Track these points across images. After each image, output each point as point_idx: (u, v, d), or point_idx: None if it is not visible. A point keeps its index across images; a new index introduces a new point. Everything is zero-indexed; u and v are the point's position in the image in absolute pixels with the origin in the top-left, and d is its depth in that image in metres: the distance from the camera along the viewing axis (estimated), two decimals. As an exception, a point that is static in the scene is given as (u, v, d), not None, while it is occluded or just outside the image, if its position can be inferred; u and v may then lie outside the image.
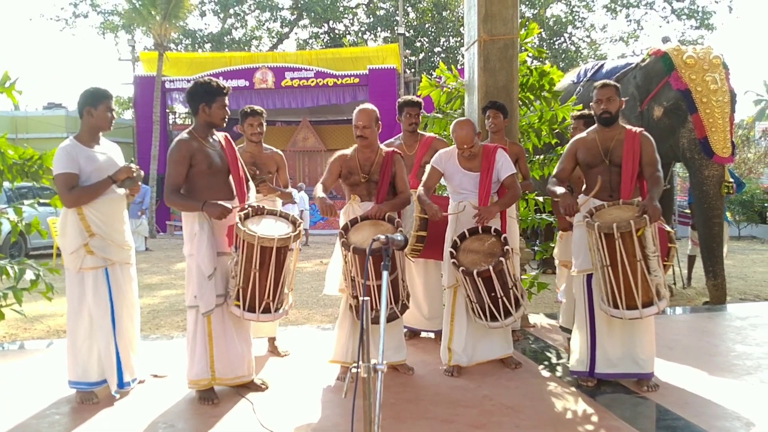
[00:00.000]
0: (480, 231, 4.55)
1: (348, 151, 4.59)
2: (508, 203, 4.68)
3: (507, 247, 4.35)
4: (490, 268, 4.22)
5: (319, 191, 4.39)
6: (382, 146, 4.62)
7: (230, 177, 4.27)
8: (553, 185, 4.44)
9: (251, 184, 4.43)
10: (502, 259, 4.26)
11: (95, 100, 4.12)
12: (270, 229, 4.02)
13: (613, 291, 4.08)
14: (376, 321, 3.83)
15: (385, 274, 2.59)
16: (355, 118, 4.51)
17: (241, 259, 3.95)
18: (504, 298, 4.35)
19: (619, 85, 4.48)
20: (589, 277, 4.34)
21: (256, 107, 5.22)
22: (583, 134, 4.52)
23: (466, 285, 4.42)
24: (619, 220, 4.00)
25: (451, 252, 4.49)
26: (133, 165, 4.19)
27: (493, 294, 4.32)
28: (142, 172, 4.31)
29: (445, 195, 5.29)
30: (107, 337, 4.10)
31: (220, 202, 4.04)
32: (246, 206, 4.16)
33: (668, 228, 4.82)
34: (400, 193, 4.58)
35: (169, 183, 4.06)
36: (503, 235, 4.46)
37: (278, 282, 4.02)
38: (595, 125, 4.45)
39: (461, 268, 4.31)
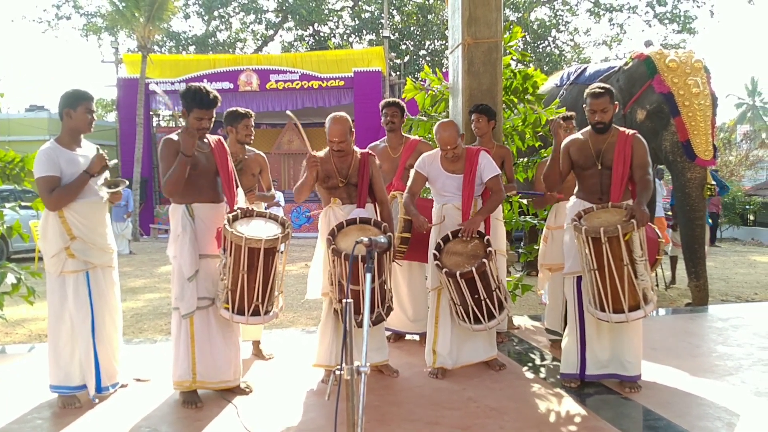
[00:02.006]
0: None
1: (322, 154, 4.55)
2: (492, 208, 4.68)
3: (490, 248, 4.37)
4: (473, 269, 4.24)
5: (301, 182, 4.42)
6: (356, 148, 4.61)
7: (218, 179, 4.26)
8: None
9: (239, 189, 4.42)
10: (485, 260, 4.28)
11: (74, 102, 4.08)
12: (258, 230, 4.02)
13: (599, 294, 4.09)
14: (360, 325, 3.83)
15: (368, 276, 2.58)
16: (329, 133, 4.43)
17: (230, 261, 3.94)
18: (487, 300, 4.37)
19: (612, 89, 4.43)
20: (579, 279, 4.35)
21: (246, 110, 5.20)
22: (578, 135, 4.53)
23: (450, 287, 4.43)
24: (606, 224, 4.01)
25: (434, 254, 4.50)
26: (104, 152, 4.14)
27: (476, 296, 4.34)
28: (117, 161, 4.27)
29: (430, 197, 5.30)
30: (87, 342, 4.07)
31: (205, 204, 4.10)
32: (235, 208, 4.16)
33: (653, 225, 4.86)
34: (380, 202, 4.61)
35: (163, 175, 4.06)
36: (486, 237, 4.48)
37: (267, 284, 4.00)
38: (589, 127, 4.46)
39: (444, 270, 4.33)
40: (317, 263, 4.63)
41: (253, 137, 5.16)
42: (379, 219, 4.49)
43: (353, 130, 4.52)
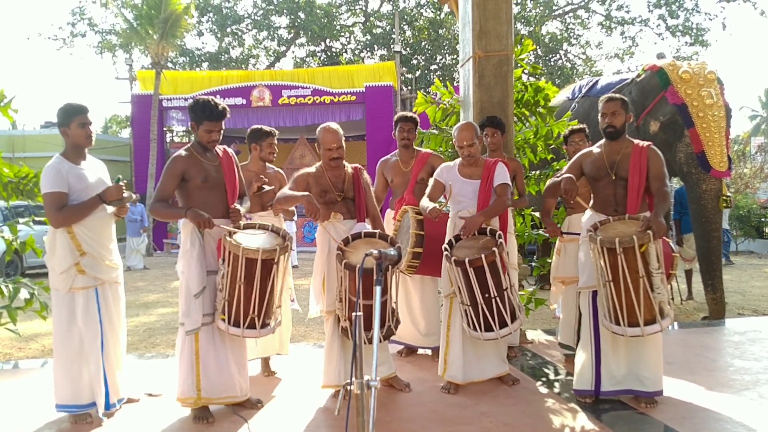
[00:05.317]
0: (476, 233, 4.52)
1: (312, 170, 4.51)
2: (493, 212, 4.57)
3: (501, 241, 4.32)
4: (483, 257, 4.17)
5: (296, 193, 4.30)
6: (345, 163, 4.57)
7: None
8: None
9: (245, 198, 4.42)
10: (495, 249, 4.22)
11: (66, 119, 4.07)
12: (258, 242, 3.99)
13: (615, 307, 4.04)
14: (371, 341, 3.79)
15: (378, 288, 2.56)
16: (327, 141, 4.40)
17: (228, 272, 3.92)
18: (498, 300, 4.29)
19: (626, 99, 4.43)
20: (595, 293, 4.29)
21: (270, 128, 5.28)
22: (591, 148, 4.52)
23: (460, 282, 4.35)
24: (622, 234, 3.96)
25: (445, 248, 4.47)
26: (122, 183, 4.15)
27: (486, 294, 4.26)
28: (134, 195, 4.27)
29: (444, 211, 5.27)
30: (97, 359, 4.03)
31: (215, 219, 4.07)
32: (240, 223, 4.15)
33: (667, 239, 4.80)
34: (372, 218, 4.60)
35: (157, 193, 4.09)
36: (498, 232, 4.43)
37: (264, 296, 3.96)
38: (603, 139, 4.44)
39: (453, 258, 4.26)
40: (317, 280, 4.58)
41: (275, 155, 5.22)
42: (383, 232, 4.45)
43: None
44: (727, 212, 14.59)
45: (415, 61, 28.69)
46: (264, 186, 4.98)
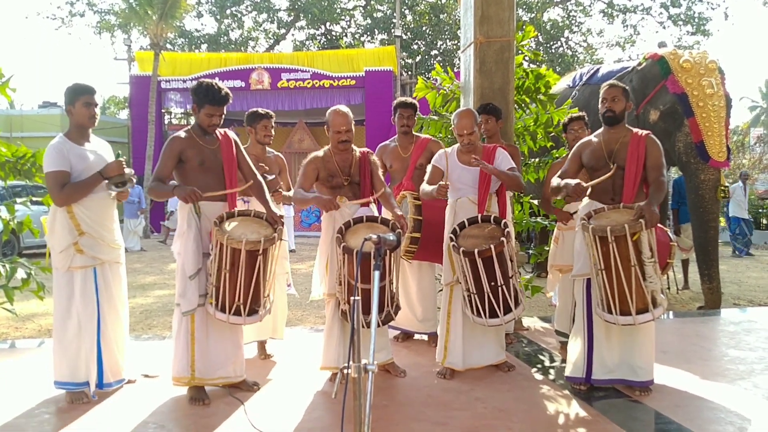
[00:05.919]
0: (480, 220, 4.52)
1: (320, 153, 4.52)
2: (509, 179, 4.57)
3: (508, 230, 4.32)
4: (492, 247, 4.17)
5: (308, 195, 4.41)
6: (354, 147, 4.58)
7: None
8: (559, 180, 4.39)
9: (260, 179, 4.39)
10: (503, 239, 4.23)
11: (72, 98, 4.08)
12: (246, 231, 3.97)
13: (607, 295, 4.04)
14: (369, 325, 3.80)
15: (377, 273, 2.56)
16: (336, 123, 4.42)
17: (215, 258, 3.93)
18: (504, 288, 4.29)
19: (627, 87, 4.42)
20: (589, 281, 4.29)
21: (266, 110, 5.24)
22: (590, 137, 4.51)
23: (467, 271, 4.34)
24: (615, 223, 3.96)
25: (450, 237, 4.46)
26: (123, 159, 4.15)
27: (493, 282, 4.27)
28: (133, 171, 4.27)
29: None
30: (92, 338, 4.06)
31: (213, 202, 4.06)
32: (235, 210, 4.14)
33: (664, 228, 4.80)
34: (381, 193, 4.58)
35: (155, 173, 4.11)
36: (503, 221, 4.43)
37: (249, 285, 3.95)
38: (602, 128, 4.43)
39: (462, 249, 4.25)
40: (321, 263, 4.60)
41: (272, 138, 5.20)
42: (385, 217, 4.45)
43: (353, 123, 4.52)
44: (746, 202, 14.58)
45: (415, 46, 28.57)
46: (266, 175, 4.97)
